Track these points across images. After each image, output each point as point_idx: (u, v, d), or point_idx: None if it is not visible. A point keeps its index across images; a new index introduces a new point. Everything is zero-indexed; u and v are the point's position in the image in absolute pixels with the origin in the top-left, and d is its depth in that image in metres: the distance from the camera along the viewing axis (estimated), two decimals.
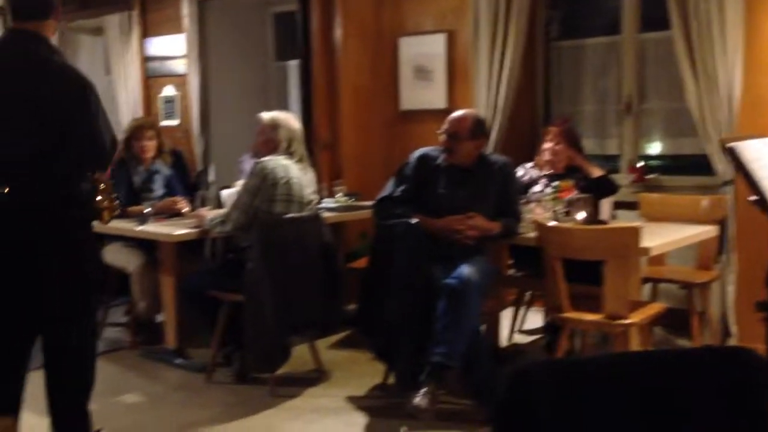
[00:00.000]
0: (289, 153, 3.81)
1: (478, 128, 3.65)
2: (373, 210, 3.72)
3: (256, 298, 3.55)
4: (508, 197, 3.69)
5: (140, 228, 3.95)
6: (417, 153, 3.71)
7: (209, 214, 3.95)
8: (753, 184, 2.25)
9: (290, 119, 3.92)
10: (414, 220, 3.42)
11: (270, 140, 3.83)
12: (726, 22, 3.97)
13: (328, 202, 4.65)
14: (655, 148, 5.03)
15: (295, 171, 3.79)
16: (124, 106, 6.63)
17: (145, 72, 6.58)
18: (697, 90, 4.09)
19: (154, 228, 3.96)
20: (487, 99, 4.90)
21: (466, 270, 3.34)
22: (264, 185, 3.69)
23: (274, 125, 3.83)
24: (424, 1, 5.27)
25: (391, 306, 3.36)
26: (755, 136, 3.17)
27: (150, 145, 4.40)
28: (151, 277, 4.12)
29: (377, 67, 5.52)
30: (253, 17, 6.56)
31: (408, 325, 3.34)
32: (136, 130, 4.42)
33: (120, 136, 3.76)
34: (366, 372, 3.81)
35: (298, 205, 3.78)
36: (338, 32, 5.34)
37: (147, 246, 4.13)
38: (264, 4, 6.54)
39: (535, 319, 4.53)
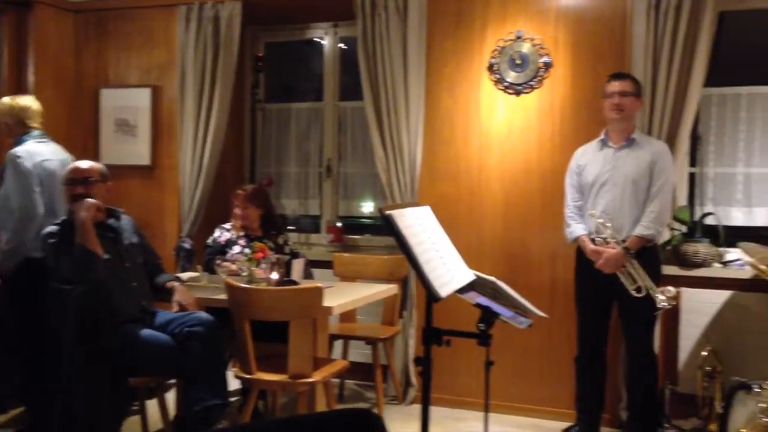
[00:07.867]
0: None
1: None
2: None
3: None
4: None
5: None
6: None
7: None
8: (406, 250, 2.42)
9: None
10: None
11: None
12: (410, 98, 4.35)
13: None
14: (352, 209, 5.33)
15: None
16: None
17: None
18: (386, 157, 4.42)
19: None
20: (193, 157, 4.86)
21: (198, 313, 3.31)
22: None
23: None
24: (129, 54, 5.12)
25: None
26: (432, 201, 3.49)
27: None
28: None
29: (75, 118, 5.22)
30: None
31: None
32: None
33: None
34: None
35: None
36: (31, 78, 4.98)
37: None
38: None
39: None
